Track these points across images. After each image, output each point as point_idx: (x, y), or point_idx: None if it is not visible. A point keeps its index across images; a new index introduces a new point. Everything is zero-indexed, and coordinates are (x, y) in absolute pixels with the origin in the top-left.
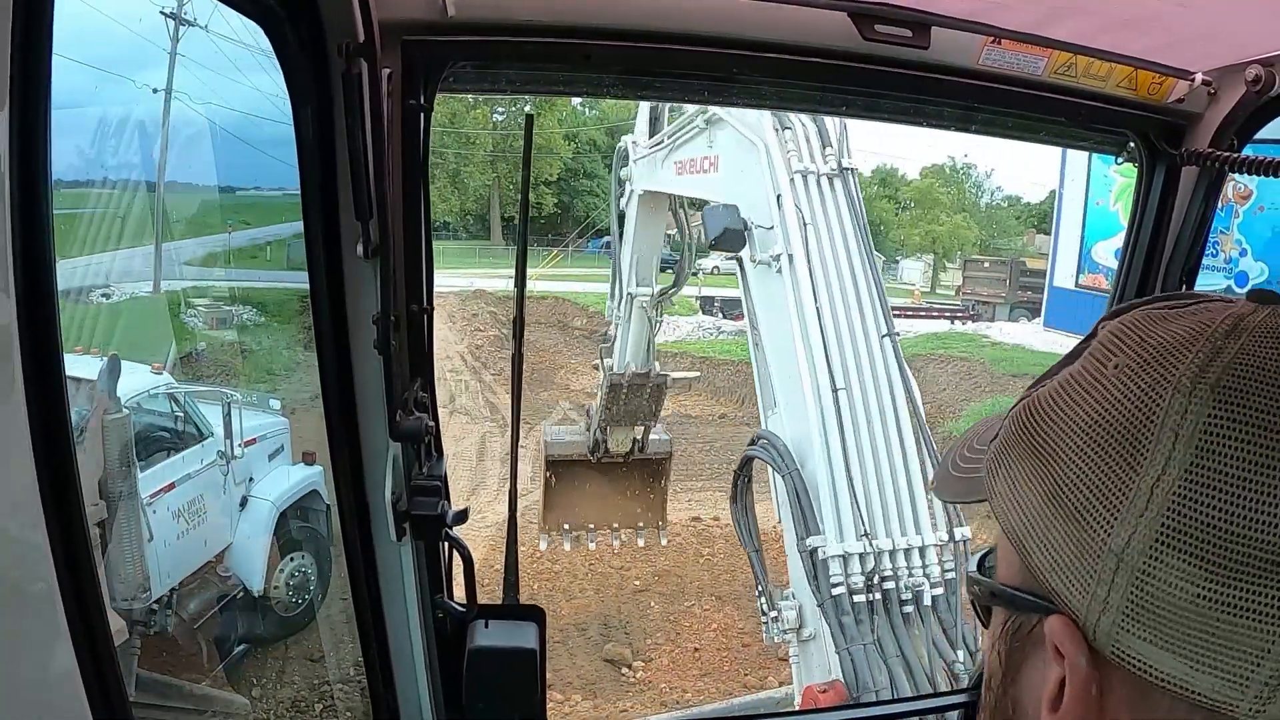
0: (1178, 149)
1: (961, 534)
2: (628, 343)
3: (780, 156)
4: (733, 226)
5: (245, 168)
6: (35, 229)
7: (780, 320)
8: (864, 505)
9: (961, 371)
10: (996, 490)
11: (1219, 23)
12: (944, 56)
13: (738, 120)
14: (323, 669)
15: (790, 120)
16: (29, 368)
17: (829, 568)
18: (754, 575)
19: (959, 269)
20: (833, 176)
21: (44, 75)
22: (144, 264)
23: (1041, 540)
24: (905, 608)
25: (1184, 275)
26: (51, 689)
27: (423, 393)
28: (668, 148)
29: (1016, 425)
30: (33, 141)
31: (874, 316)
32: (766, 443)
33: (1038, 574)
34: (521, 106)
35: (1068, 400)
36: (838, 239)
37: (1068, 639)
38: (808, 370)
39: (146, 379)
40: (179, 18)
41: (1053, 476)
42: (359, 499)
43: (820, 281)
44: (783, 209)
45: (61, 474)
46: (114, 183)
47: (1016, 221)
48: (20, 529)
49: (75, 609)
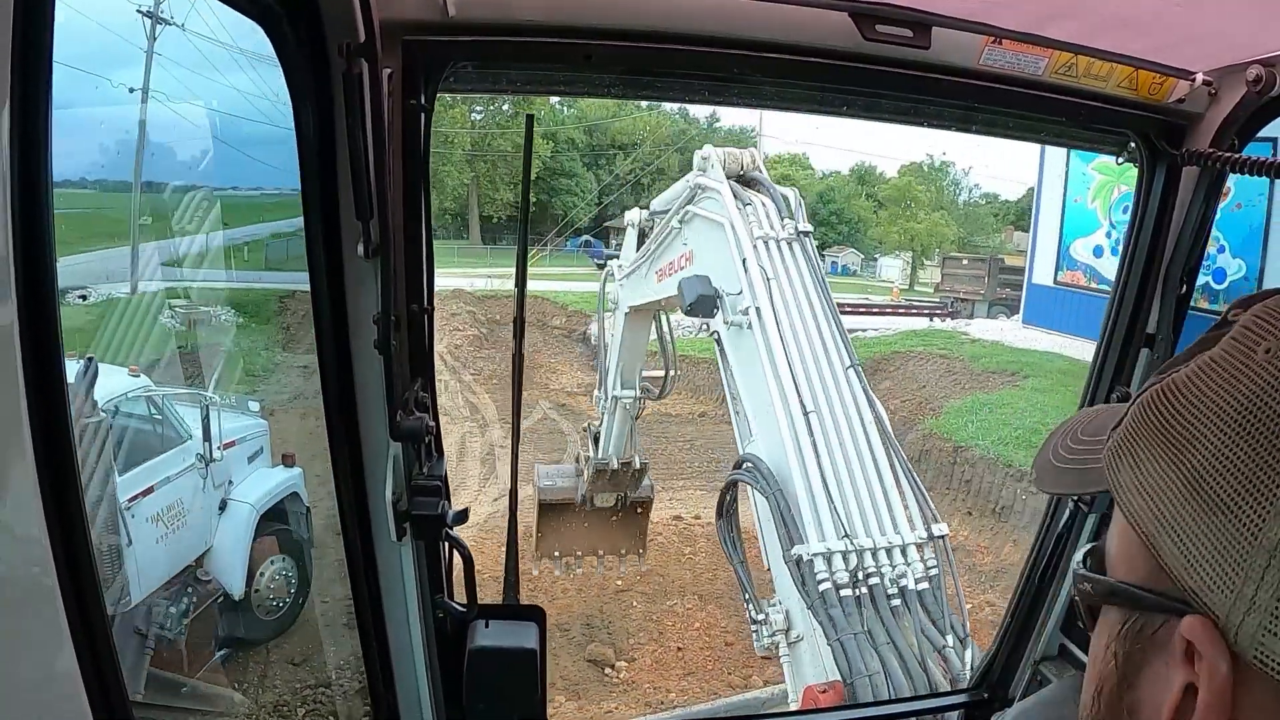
0: (1178, 149)
1: (939, 529)
2: (612, 434)
3: (744, 228)
4: (705, 293)
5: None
6: (36, 229)
7: (753, 366)
8: (843, 511)
9: (941, 368)
10: (1121, 482)
11: (1219, 23)
12: (945, 56)
13: (706, 210)
14: (304, 671)
15: (751, 199)
16: (29, 368)
17: (814, 566)
18: (740, 585)
19: (937, 266)
20: (791, 240)
21: (44, 75)
22: (120, 264)
23: (1177, 535)
24: (892, 601)
25: (1184, 275)
26: (52, 688)
27: (423, 393)
28: (649, 260)
29: (1147, 413)
30: (33, 141)
31: (837, 352)
32: (750, 466)
33: (1172, 571)
34: (500, 105)
35: (1210, 386)
36: (799, 290)
37: (1208, 641)
38: (779, 400)
39: (124, 381)
40: (156, 16)
41: (1192, 466)
42: (359, 499)
43: (786, 327)
44: (748, 271)
45: (62, 474)
46: (90, 183)
47: (994, 219)
48: (21, 528)
49: (76, 609)
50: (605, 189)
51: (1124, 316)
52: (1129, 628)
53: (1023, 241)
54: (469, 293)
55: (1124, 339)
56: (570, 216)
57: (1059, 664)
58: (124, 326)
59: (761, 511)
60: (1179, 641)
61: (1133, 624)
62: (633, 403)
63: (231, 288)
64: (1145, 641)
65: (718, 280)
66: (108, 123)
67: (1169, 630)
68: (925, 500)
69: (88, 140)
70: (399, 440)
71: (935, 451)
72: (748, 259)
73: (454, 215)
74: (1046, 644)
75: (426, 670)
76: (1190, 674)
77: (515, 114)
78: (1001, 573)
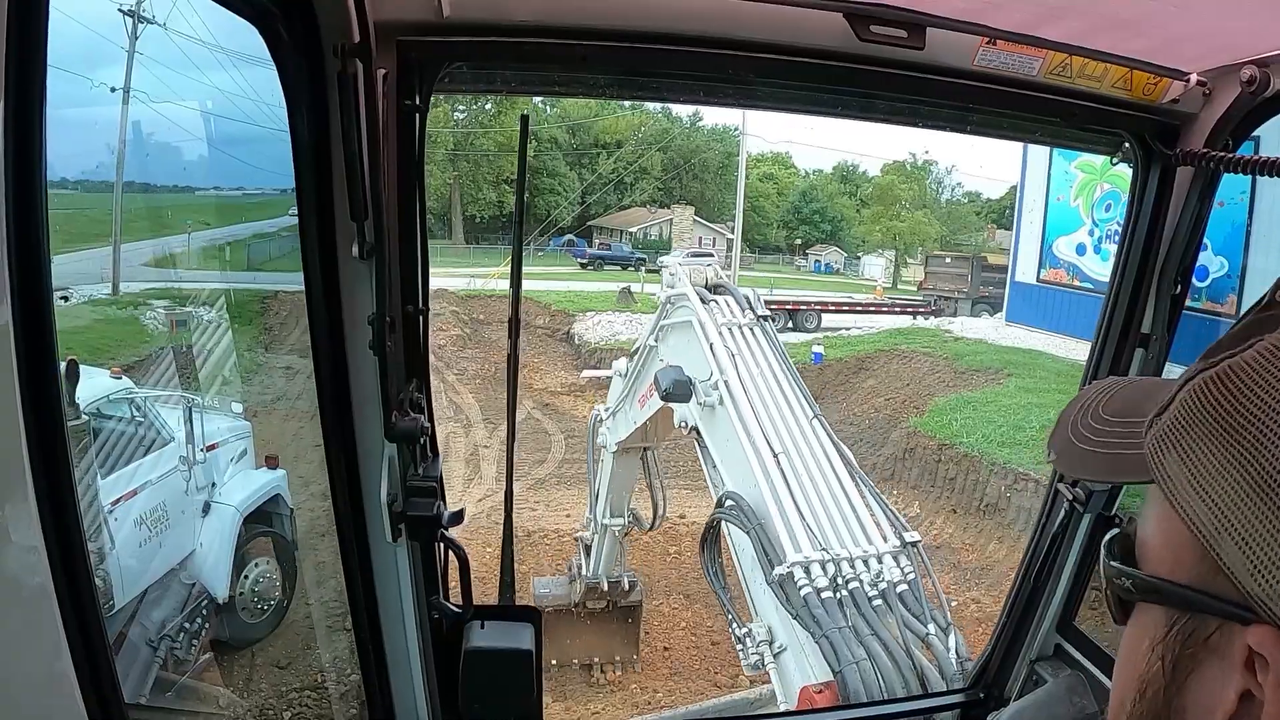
0: (1173, 149)
1: (910, 536)
2: (601, 557)
3: (709, 320)
4: (679, 379)
5: (213, 167)
6: (30, 228)
7: (727, 434)
8: (817, 530)
9: (925, 367)
10: (1169, 474)
11: (1213, 23)
12: (939, 57)
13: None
14: (290, 674)
15: (714, 300)
16: (24, 370)
17: (793, 577)
18: (724, 610)
19: (921, 264)
20: (752, 325)
21: (39, 73)
22: (102, 265)
23: (1242, 538)
24: (874, 602)
25: (1179, 275)
26: (47, 689)
27: (418, 393)
28: (630, 392)
29: (1202, 402)
30: (28, 140)
31: (800, 408)
32: (733, 504)
33: (1235, 575)
34: (483, 105)
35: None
36: (763, 362)
37: (1278, 651)
38: (750, 449)
39: (106, 383)
40: (136, 15)
41: (1261, 465)
42: (354, 500)
43: (753, 392)
44: (715, 352)
45: (56, 475)
46: (71, 183)
47: (977, 217)
48: (16, 531)
49: (71, 610)
50: (589, 188)
51: (1119, 316)
52: (1179, 630)
53: (1005, 239)
54: (451, 292)
55: (1119, 339)
56: (553, 216)
57: (1054, 663)
58: (105, 328)
59: (739, 544)
60: (1240, 648)
61: (1183, 626)
62: (620, 531)
63: (213, 289)
64: (1198, 645)
65: (689, 370)
66: (90, 122)
67: (1226, 635)
68: (895, 516)
69: (69, 140)
70: (394, 441)
71: (920, 449)
72: (714, 343)
73: (437, 215)
74: (1042, 643)
75: (422, 671)
76: (1250, 681)
77: (498, 113)
78: (987, 570)
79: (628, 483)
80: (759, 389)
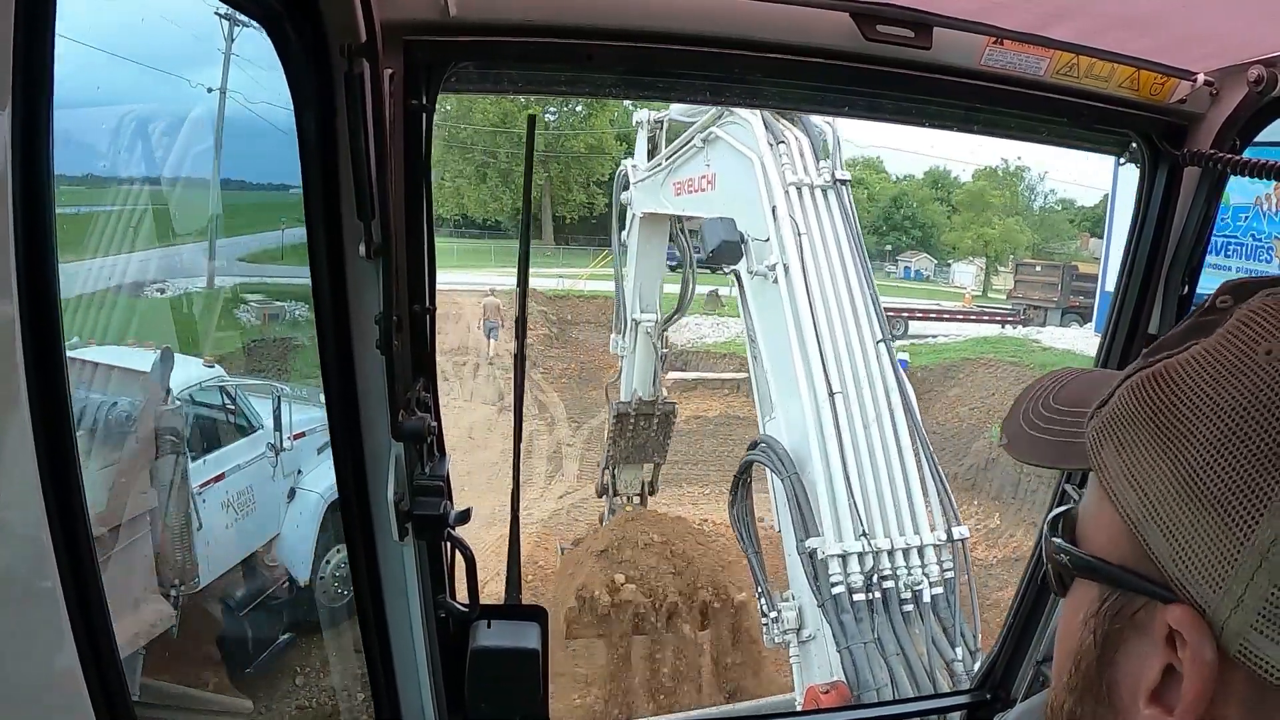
0: (1180, 149)
1: (959, 533)
2: (634, 371)
3: (775, 170)
4: (729, 239)
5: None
6: (37, 227)
7: (777, 328)
8: (862, 506)
9: (1011, 376)
10: (1106, 464)
11: (1221, 23)
12: (946, 57)
13: (733, 137)
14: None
15: (784, 135)
16: (31, 366)
17: (828, 567)
18: (753, 577)
19: (1011, 272)
20: (826, 189)
21: (46, 73)
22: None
23: (1167, 527)
24: (905, 606)
25: (1186, 276)
26: (53, 687)
27: (425, 392)
28: (666, 169)
29: (1139, 398)
30: (35, 140)
31: (869, 323)
32: (766, 447)
33: (1159, 560)
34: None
35: (1209, 381)
36: (832, 249)
37: (1195, 631)
38: (804, 376)
39: (198, 371)
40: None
41: (1187, 462)
42: (361, 499)
43: (815, 290)
44: (778, 220)
45: (64, 473)
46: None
47: (1070, 225)
48: (23, 528)
49: (77, 607)
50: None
51: (1125, 317)
52: (1109, 606)
53: (1097, 248)
54: (541, 292)
55: (1126, 338)
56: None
57: None
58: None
59: (779, 498)
60: (1161, 625)
61: (1113, 603)
62: (655, 330)
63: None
64: (1125, 621)
65: (743, 222)
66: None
67: (1150, 613)
68: (949, 498)
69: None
70: (401, 440)
71: (1003, 461)
72: (778, 206)
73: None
74: (1049, 644)
75: (428, 670)
76: (1171, 657)
77: (588, 115)
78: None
79: (655, 261)
80: (824, 290)
